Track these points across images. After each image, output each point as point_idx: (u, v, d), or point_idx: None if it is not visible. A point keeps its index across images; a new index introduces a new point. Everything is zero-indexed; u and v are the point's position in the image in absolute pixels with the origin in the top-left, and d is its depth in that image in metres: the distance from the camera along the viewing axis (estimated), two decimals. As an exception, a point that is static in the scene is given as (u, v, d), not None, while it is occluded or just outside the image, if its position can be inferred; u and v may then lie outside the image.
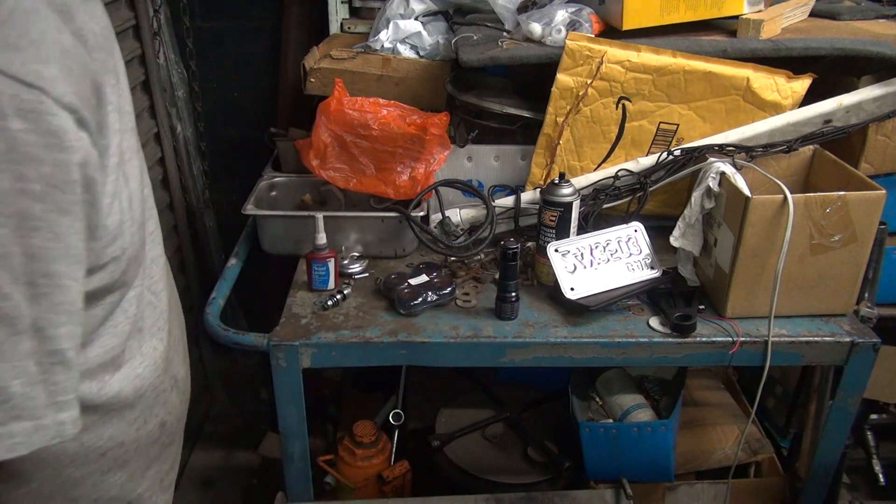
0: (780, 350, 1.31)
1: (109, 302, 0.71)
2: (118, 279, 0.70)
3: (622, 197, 1.53)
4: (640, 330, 1.34)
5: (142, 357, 0.79)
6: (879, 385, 1.79)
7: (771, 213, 1.25)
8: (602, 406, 1.68)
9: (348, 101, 1.53)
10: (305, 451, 1.40)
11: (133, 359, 0.78)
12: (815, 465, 1.46)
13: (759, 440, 1.75)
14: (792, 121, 1.50)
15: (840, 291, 1.34)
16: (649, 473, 1.59)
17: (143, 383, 0.79)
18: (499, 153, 1.64)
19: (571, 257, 1.39)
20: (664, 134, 1.54)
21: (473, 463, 1.70)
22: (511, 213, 1.57)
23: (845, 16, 1.72)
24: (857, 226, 1.27)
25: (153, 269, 0.80)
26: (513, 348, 1.31)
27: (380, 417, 1.77)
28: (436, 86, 1.71)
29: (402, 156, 1.53)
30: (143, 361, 0.79)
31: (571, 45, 1.46)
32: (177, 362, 0.89)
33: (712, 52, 1.48)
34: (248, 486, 2.20)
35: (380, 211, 1.55)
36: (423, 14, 1.89)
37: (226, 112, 2.33)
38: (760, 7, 1.60)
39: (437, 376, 1.91)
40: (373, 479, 1.66)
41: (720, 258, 1.36)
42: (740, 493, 1.66)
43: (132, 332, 0.77)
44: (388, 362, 1.33)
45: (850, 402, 1.37)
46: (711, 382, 1.97)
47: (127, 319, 0.75)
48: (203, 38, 2.21)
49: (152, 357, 0.81)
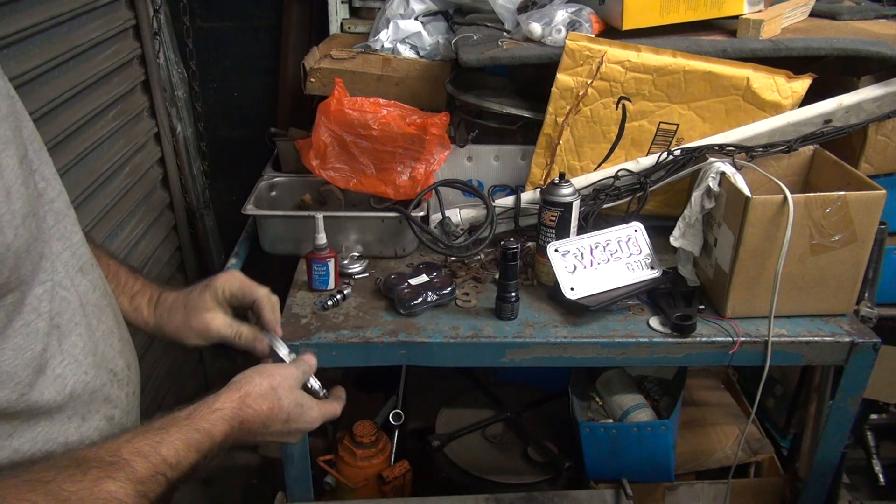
0: (780, 350, 1.31)
1: (10, 302, 0.68)
2: (8, 277, 0.66)
3: (622, 197, 1.53)
4: (640, 330, 1.34)
5: (62, 355, 0.76)
6: (879, 385, 1.79)
7: (771, 213, 1.25)
8: (602, 406, 1.68)
9: (348, 101, 1.53)
10: (305, 451, 1.40)
11: (53, 358, 0.75)
12: (815, 465, 1.46)
13: (759, 440, 1.75)
14: (792, 121, 1.50)
15: (840, 291, 1.34)
16: (649, 473, 1.59)
17: (67, 382, 0.76)
18: (499, 153, 1.64)
19: (571, 257, 1.39)
20: (664, 134, 1.54)
21: (473, 463, 1.70)
22: (511, 213, 1.57)
23: (845, 16, 1.72)
24: (857, 226, 1.27)
25: (57, 265, 0.76)
26: (513, 348, 1.31)
27: (380, 417, 1.77)
28: (436, 86, 1.71)
29: (402, 156, 1.53)
30: (64, 360, 0.76)
31: (571, 45, 1.46)
32: (110, 355, 0.85)
33: (712, 52, 1.48)
34: (248, 485, 2.20)
35: (380, 211, 1.55)
36: (423, 14, 1.89)
37: (226, 112, 2.33)
38: (760, 7, 1.60)
39: (437, 376, 1.91)
40: (373, 479, 1.66)
41: (720, 258, 1.36)
42: (740, 493, 1.66)
43: (50, 330, 0.74)
44: (388, 362, 1.33)
45: (850, 402, 1.37)
46: (711, 382, 1.97)
47: (41, 317, 0.72)
48: (203, 38, 2.21)
49: (72, 354, 0.77)
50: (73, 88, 1.64)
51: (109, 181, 1.85)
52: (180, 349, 2.31)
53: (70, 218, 0.81)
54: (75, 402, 0.78)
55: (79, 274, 0.80)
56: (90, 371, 0.80)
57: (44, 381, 0.74)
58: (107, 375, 0.83)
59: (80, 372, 0.78)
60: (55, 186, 0.79)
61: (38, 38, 1.51)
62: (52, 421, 0.75)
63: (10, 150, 0.68)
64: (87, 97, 1.73)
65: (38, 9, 1.50)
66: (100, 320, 0.84)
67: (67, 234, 0.80)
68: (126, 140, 1.94)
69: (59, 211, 0.79)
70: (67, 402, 0.77)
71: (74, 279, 0.79)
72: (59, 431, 0.76)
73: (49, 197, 0.78)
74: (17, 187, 0.68)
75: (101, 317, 0.84)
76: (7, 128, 0.69)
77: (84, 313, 0.80)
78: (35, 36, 1.50)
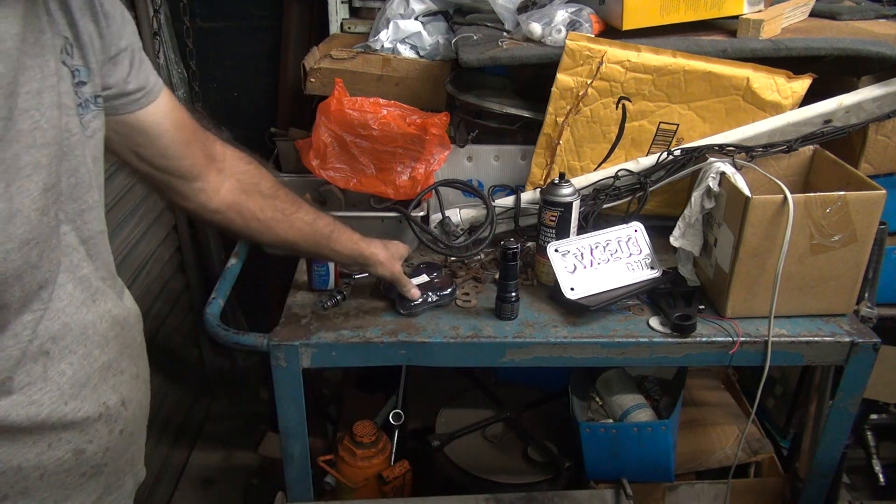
0: (780, 350, 1.31)
1: None
2: None
3: (622, 197, 1.53)
4: (640, 330, 1.34)
5: (45, 382, 0.75)
6: (879, 385, 1.79)
7: (771, 213, 1.25)
8: (602, 406, 1.68)
9: (348, 101, 1.53)
10: (305, 451, 1.40)
11: (33, 384, 0.73)
12: (815, 465, 1.46)
13: (759, 440, 1.75)
14: (792, 121, 1.50)
15: (840, 291, 1.34)
16: (649, 473, 1.59)
17: (42, 410, 0.74)
18: (499, 153, 1.64)
19: (571, 257, 1.39)
20: (664, 134, 1.54)
21: (473, 463, 1.70)
22: (511, 213, 1.57)
23: (845, 16, 1.72)
24: (857, 226, 1.27)
25: (60, 294, 0.76)
26: (513, 348, 1.31)
27: (380, 417, 1.77)
28: (436, 86, 1.71)
29: (402, 156, 1.53)
30: (46, 387, 0.75)
31: (571, 45, 1.46)
32: (105, 389, 0.83)
33: (712, 52, 1.48)
34: (248, 486, 2.20)
35: (380, 211, 1.55)
36: (423, 14, 1.88)
37: (226, 112, 2.32)
38: (760, 7, 1.60)
39: (437, 376, 1.91)
40: (373, 479, 1.66)
41: (720, 258, 1.36)
42: (740, 493, 1.66)
43: (31, 357, 0.73)
44: (388, 362, 1.33)
45: (850, 402, 1.37)
46: (711, 382, 1.97)
47: (18, 344, 0.71)
48: (203, 38, 2.21)
49: (58, 383, 0.76)
50: (73, 88, 1.64)
51: (109, 181, 1.84)
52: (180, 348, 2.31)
53: (79, 253, 0.80)
54: (45, 429, 0.76)
55: (84, 306, 0.80)
56: (71, 402, 0.78)
57: (14, 403, 0.72)
58: (94, 408, 0.81)
59: (60, 402, 0.76)
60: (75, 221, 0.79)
61: (38, 38, 1.51)
62: (13, 443, 0.74)
63: (37, 175, 0.68)
64: (86, 97, 1.73)
65: (38, 9, 1.50)
66: (103, 351, 0.82)
67: (73, 268, 0.79)
68: (126, 140, 1.93)
69: (70, 245, 0.78)
70: (35, 428, 0.75)
71: (79, 309, 0.79)
72: (16, 454, 0.74)
73: (64, 230, 0.77)
74: (27, 213, 0.67)
75: (104, 348, 0.83)
76: (45, 154, 0.69)
77: (84, 343, 0.79)
78: (35, 36, 1.50)
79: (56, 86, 0.72)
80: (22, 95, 0.67)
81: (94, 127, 0.80)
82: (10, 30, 0.65)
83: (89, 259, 0.82)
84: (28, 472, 0.76)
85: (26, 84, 0.68)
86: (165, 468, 2.17)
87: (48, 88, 0.70)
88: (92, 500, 0.85)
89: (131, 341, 0.90)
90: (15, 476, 0.75)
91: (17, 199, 0.66)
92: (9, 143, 0.65)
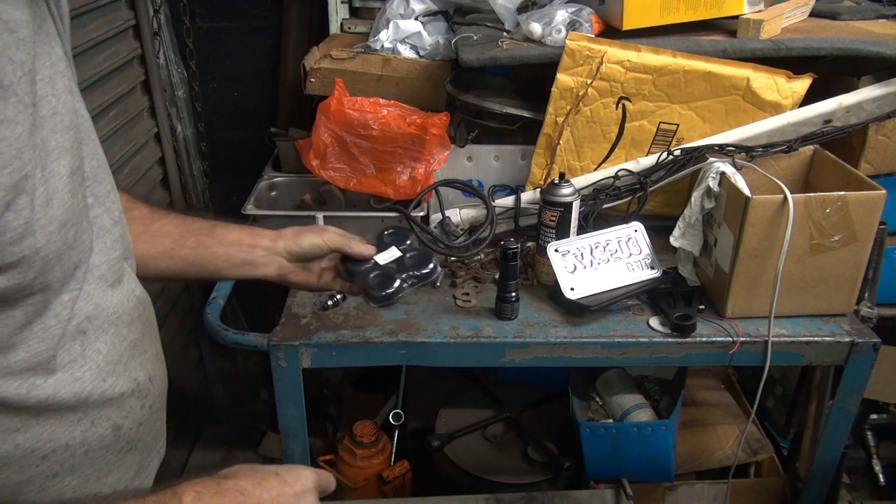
0: (780, 350, 1.31)
1: (31, 304, 0.69)
2: (33, 280, 0.68)
3: (622, 197, 1.53)
4: (640, 330, 1.34)
5: (84, 360, 0.77)
6: (879, 385, 1.79)
7: (771, 213, 1.25)
8: (602, 406, 1.68)
9: (348, 101, 1.53)
10: (305, 451, 1.40)
11: (74, 362, 0.76)
12: (815, 465, 1.46)
13: (759, 440, 1.75)
14: (792, 121, 1.50)
15: (840, 291, 1.34)
16: (649, 473, 1.59)
17: (84, 387, 0.77)
18: (499, 153, 1.64)
19: (571, 257, 1.39)
20: (664, 134, 1.54)
21: (473, 463, 1.71)
22: (511, 213, 1.57)
23: (845, 16, 1.72)
24: (857, 226, 1.27)
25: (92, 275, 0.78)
26: (513, 348, 1.31)
27: (380, 417, 1.77)
28: (436, 86, 1.71)
29: (402, 156, 1.53)
30: (86, 365, 0.77)
31: (571, 45, 1.46)
32: (133, 366, 0.85)
33: (712, 52, 1.48)
34: (248, 486, 2.19)
35: (380, 211, 1.55)
36: (423, 14, 1.89)
37: (226, 112, 2.33)
38: (760, 7, 1.60)
39: (437, 376, 1.91)
40: (373, 479, 1.66)
41: (720, 258, 1.36)
42: (740, 493, 1.66)
43: (70, 336, 0.75)
44: (388, 362, 1.33)
45: (850, 402, 1.37)
46: (711, 382, 1.97)
47: (59, 323, 0.73)
48: (203, 38, 2.21)
49: (95, 361, 0.78)
50: (73, 88, 1.64)
51: (109, 181, 1.85)
52: (180, 348, 2.32)
53: (112, 235, 0.82)
54: (88, 406, 0.78)
55: (112, 287, 0.81)
56: (108, 379, 0.80)
57: (60, 381, 0.74)
58: (127, 384, 0.84)
59: (99, 379, 0.79)
60: (104, 204, 0.81)
61: (38, 38, 1.51)
62: (60, 421, 0.76)
63: (64, 159, 0.70)
64: (87, 97, 1.70)
65: (38, 9, 1.50)
66: (130, 330, 0.84)
67: (107, 250, 0.81)
68: (126, 140, 1.94)
69: (103, 227, 0.80)
70: (80, 405, 0.77)
71: (107, 291, 0.80)
72: (64, 432, 0.77)
73: (95, 213, 0.79)
74: (62, 195, 0.69)
75: (131, 327, 0.85)
76: (67, 139, 0.71)
77: (115, 322, 0.81)
78: (35, 36, 1.50)
79: (65, 71, 0.73)
80: (39, 83, 0.69)
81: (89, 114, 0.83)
82: (22, 17, 0.66)
83: (121, 240, 0.84)
84: (75, 448, 0.78)
85: (41, 70, 0.69)
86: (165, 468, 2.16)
87: (59, 74, 0.72)
88: (129, 476, 0.88)
89: (151, 321, 0.92)
90: (64, 453, 0.77)
91: (51, 181, 0.68)
92: (38, 128, 0.67)
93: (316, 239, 1.11)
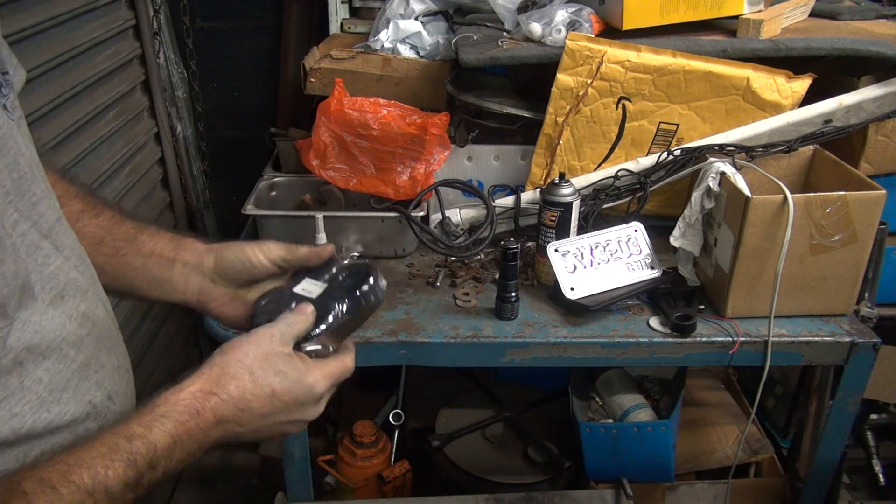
0: (780, 350, 1.31)
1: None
2: None
3: (622, 197, 1.53)
4: (640, 330, 1.34)
5: (22, 392, 0.69)
6: (879, 385, 1.79)
7: (771, 213, 1.25)
8: (602, 406, 1.68)
9: (348, 101, 1.53)
10: (305, 451, 1.40)
11: (11, 396, 0.68)
12: (815, 465, 1.46)
13: (759, 440, 1.75)
14: (792, 121, 1.50)
15: (840, 291, 1.34)
16: (649, 473, 1.59)
17: (25, 421, 0.69)
18: (499, 153, 1.64)
19: (571, 257, 1.39)
20: (664, 134, 1.54)
21: (473, 463, 1.71)
22: (511, 213, 1.57)
23: (845, 16, 1.72)
24: (857, 226, 1.27)
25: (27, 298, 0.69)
26: (513, 348, 1.31)
27: (380, 417, 1.77)
28: (436, 86, 1.71)
29: (402, 156, 1.53)
30: (24, 398, 0.69)
31: (571, 45, 1.46)
32: (88, 387, 0.76)
33: (712, 52, 1.48)
34: (248, 486, 2.20)
35: (380, 211, 1.55)
36: (423, 14, 1.89)
37: (226, 112, 2.33)
38: (760, 7, 1.60)
39: (437, 376, 1.91)
40: (373, 479, 1.66)
41: (720, 258, 1.36)
42: (740, 493, 1.66)
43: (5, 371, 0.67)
44: (388, 362, 1.33)
45: (850, 402, 1.37)
46: (711, 382, 1.97)
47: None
48: (203, 38, 2.21)
49: (35, 391, 0.70)
50: (73, 88, 1.64)
51: (109, 181, 1.85)
52: (180, 348, 2.31)
53: (43, 250, 0.72)
54: (32, 439, 0.71)
55: (52, 306, 0.72)
56: (54, 408, 0.72)
57: None
58: (80, 408, 0.75)
59: (42, 410, 0.71)
60: (31, 217, 0.71)
61: (38, 38, 1.51)
62: (4, 456, 0.69)
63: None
64: (87, 97, 1.73)
65: (37, 9, 1.50)
66: (79, 350, 0.76)
67: (38, 268, 0.71)
68: (126, 140, 1.94)
69: (32, 243, 0.71)
70: (21, 441, 0.70)
71: (46, 313, 0.71)
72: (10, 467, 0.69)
73: (22, 229, 0.69)
74: None
75: (80, 347, 0.76)
76: None
77: (58, 346, 0.73)
78: (35, 36, 1.50)
79: None
80: None
81: (17, 107, 0.71)
82: None
83: (56, 251, 0.74)
84: None
85: None
86: (165, 468, 2.17)
87: None
88: None
89: (106, 333, 0.82)
90: None
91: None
92: None
93: (246, 252, 0.87)
